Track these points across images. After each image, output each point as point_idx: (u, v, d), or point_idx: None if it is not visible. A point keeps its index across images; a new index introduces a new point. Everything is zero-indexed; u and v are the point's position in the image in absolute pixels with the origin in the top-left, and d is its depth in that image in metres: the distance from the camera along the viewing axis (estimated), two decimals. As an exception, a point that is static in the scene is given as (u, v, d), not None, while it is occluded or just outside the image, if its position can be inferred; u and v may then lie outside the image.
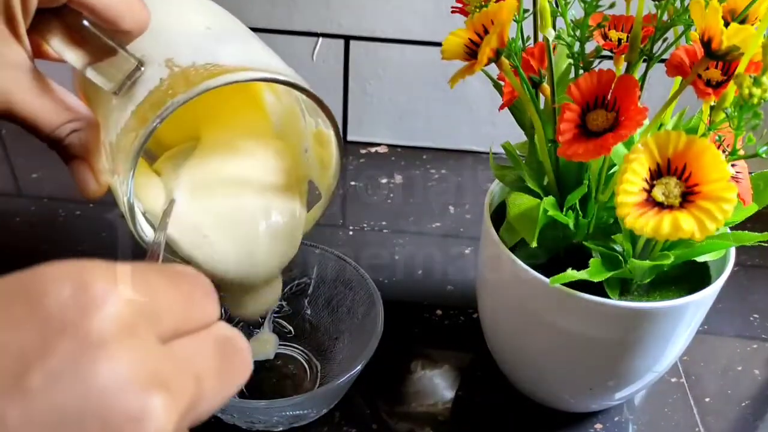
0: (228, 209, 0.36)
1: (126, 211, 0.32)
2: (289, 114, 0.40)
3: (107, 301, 0.16)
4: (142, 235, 0.34)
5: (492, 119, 0.66)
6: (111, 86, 0.31)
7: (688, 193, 0.28)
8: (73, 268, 0.17)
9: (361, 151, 0.67)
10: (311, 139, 0.39)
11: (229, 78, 0.30)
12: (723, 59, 0.30)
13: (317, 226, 0.46)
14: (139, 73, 0.31)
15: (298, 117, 0.39)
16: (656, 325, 0.35)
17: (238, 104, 0.39)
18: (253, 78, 0.31)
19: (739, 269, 0.55)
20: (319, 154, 0.39)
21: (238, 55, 0.33)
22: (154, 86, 0.31)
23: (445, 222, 0.59)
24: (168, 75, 0.31)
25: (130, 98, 0.31)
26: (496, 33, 0.30)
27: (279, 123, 0.40)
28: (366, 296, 0.44)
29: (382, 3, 0.60)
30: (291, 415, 0.40)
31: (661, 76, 0.35)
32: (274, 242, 0.37)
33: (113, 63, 0.31)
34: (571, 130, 0.31)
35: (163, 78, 0.31)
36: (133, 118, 0.31)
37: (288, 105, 0.39)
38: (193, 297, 0.19)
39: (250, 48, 0.34)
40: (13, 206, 0.59)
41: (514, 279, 0.37)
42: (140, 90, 0.31)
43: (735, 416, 0.44)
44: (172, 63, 0.31)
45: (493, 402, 0.45)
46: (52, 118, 0.31)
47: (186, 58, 0.31)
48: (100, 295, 0.16)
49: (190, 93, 0.29)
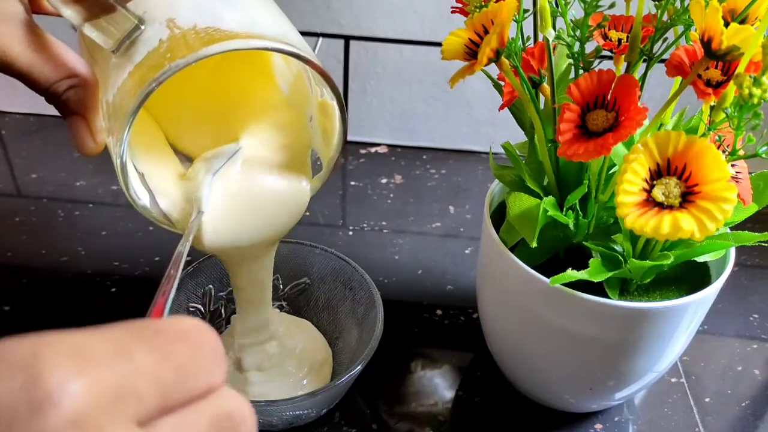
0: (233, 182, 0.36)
1: (119, 173, 0.31)
2: (296, 80, 0.39)
3: (63, 396, 0.14)
4: (134, 197, 0.33)
5: (492, 119, 0.66)
6: (109, 44, 0.30)
7: (688, 193, 0.28)
8: (26, 350, 0.14)
9: (361, 151, 0.67)
10: (316, 107, 0.38)
11: (228, 45, 0.29)
12: (723, 59, 0.30)
13: (317, 226, 0.46)
14: (138, 32, 0.30)
15: (305, 83, 0.38)
16: (656, 325, 0.35)
17: (248, 66, 0.38)
18: (253, 46, 0.30)
19: (739, 269, 0.55)
20: (323, 124, 0.38)
21: (243, 20, 0.31)
22: (153, 47, 0.30)
23: (445, 222, 0.59)
24: (168, 36, 0.30)
25: (128, 58, 0.30)
26: (496, 33, 0.30)
27: (287, 88, 0.39)
28: (366, 296, 0.44)
29: (382, 3, 0.60)
30: (291, 415, 0.39)
31: (661, 76, 0.35)
32: (276, 214, 0.37)
33: (112, 20, 0.30)
34: (571, 130, 0.31)
35: (162, 39, 0.30)
36: (130, 79, 0.30)
37: (296, 71, 0.39)
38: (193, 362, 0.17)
39: (259, 12, 0.33)
40: (13, 206, 0.59)
41: (514, 279, 0.37)
42: (139, 50, 0.30)
43: (735, 416, 0.44)
44: (173, 24, 0.30)
45: (493, 402, 0.45)
46: (49, 73, 0.31)
47: (188, 20, 0.30)
48: (55, 388, 0.14)
49: (189, 59, 0.28)
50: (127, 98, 0.29)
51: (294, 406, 0.38)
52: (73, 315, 0.49)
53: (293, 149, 0.38)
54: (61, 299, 0.50)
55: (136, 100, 0.29)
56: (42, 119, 0.69)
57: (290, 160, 0.38)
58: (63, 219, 0.57)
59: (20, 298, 0.50)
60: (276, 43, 0.30)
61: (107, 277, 0.52)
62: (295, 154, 0.38)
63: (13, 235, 0.56)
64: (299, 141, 0.38)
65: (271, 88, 0.39)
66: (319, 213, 0.59)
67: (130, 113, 0.29)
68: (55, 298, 0.50)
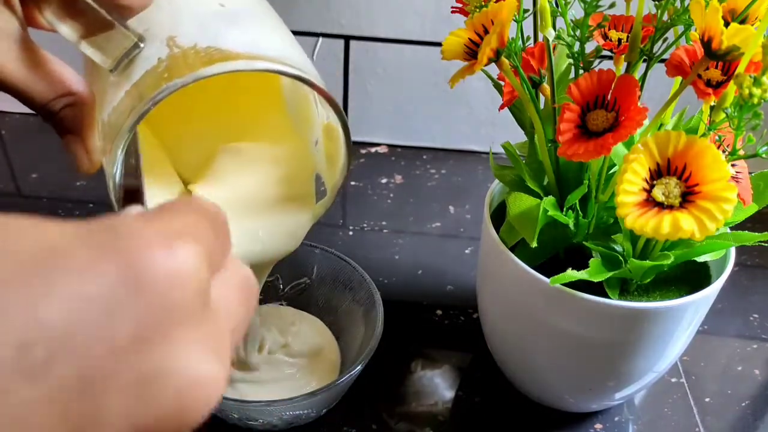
0: (237, 201, 0.36)
1: (111, 193, 0.30)
2: (302, 102, 0.38)
3: (196, 273, 0.16)
4: None
5: (492, 119, 0.66)
6: (107, 63, 0.29)
7: (688, 193, 0.28)
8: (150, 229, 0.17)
9: (361, 151, 0.67)
10: (322, 131, 0.38)
11: (228, 66, 0.28)
12: (723, 59, 0.30)
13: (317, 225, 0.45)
14: (137, 50, 0.29)
15: (311, 106, 0.38)
16: (656, 325, 0.35)
17: (256, 87, 0.38)
18: (254, 68, 0.29)
19: (739, 269, 0.55)
20: (329, 149, 0.37)
21: (246, 39, 0.30)
22: (151, 66, 0.29)
23: (445, 222, 0.59)
24: (167, 55, 0.29)
25: (126, 77, 0.29)
26: (496, 33, 0.30)
27: (293, 109, 0.38)
28: (366, 296, 0.44)
29: (382, 3, 0.60)
30: (291, 415, 0.39)
31: (661, 76, 0.35)
32: (278, 239, 0.37)
33: (110, 38, 0.29)
34: (571, 130, 0.31)
35: (161, 58, 0.29)
36: (126, 97, 0.29)
37: (302, 92, 0.38)
38: (223, 233, 0.19)
39: (263, 32, 0.32)
40: (13, 206, 0.59)
41: (514, 279, 0.37)
42: (137, 69, 0.29)
43: (735, 416, 0.44)
44: (173, 42, 0.29)
45: (493, 402, 0.45)
46: (44, 91, 0.30)
47: (189, 38, 0.29)
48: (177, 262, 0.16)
49: (186, 79, 0.28)
50: (122, 117, 0.29)
51: (294, 406, 0.38)
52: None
53: (297, 174, 0.38)
54: (61, 299, 0.50)
55: (131, 119, 0.28)
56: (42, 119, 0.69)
57: (294, 186, 0.37)
58: (63, 219, 0.57)
59: (20, 298, 0.50)
60: (278, 65, 0.29)
61: (107, 277, 0.52)
62: (299, 179, 0.38)
63: (13, 235, 0.55)
64: (304, 165, 0.38)
65: (277, 111, 0.38)
66: (319, 213, 0.59)
67: (125, 133, 0.28)
68: (55, 298, 0.50)
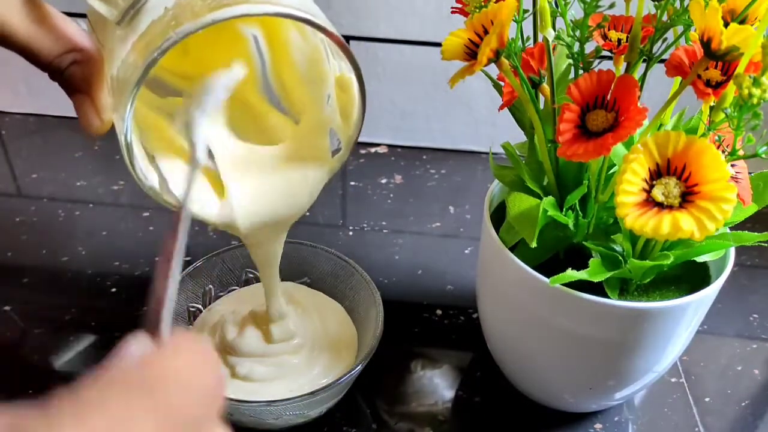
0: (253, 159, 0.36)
1: (123, 151, 0.30)
2: (314, 55, 0.36)
3: None
4: (140, 176, 0.31)
5: (492, 119, 0.66)
6: (113, 15, 0.29)
7: (687, 193, 0.28)
8: None
9: (361, 151, 0.67)
10: (334, 84, 0.37)
11: (236, 11, 0.27)
12: (723, 59, 0.30)
13: (317, 226, 0.46)
14: (143, 1, 0.29)
15: (322, 59, 0.36)
16: (656, 325, 0.35)
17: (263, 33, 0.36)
18: (264, 12, 0.27)
19: (739, 269, 0.55)
20: (342, 102, 0.36)
21: None
22: (157, 16, 0.28)
23: (445, 222, 0.59)
24: (174, 4, 0.28)
25: (132, 29, 0.29)
26: (496, 33, 0.30)
27: (304, 64, 0.37)
28: (366, 296, 0.44)
29: (382, 3, 0.60)
30: (291, 415, 0.40)
31: (661, 76, 0.35)
32: (290, 197, 0.36)
33: None
34: (571, 130, 0.31)
35: (168, 7, 0.28)
36: (133, 50, 0.28)
37: (314, 45, 0.36)
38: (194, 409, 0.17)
39: None
40: (13, 206, 0.59)
41: (514, 279, 0.37)
42: (143, 20, 0.28)
43: (735, 416, 0.44)
44: None
45: (493, 402, 0.45)
46: (50, 46, 0.30)
47: None
48: None
49: (196, 24, 0.26)
50: (131, 70, 0.28)
51: (294, 406, 0.38)
52: (73, 315, 0.49)
53: (311, 129, 0.37)
54: (61, 299, 0.50)
55: (139, 71, 0.27)
56: (42, 119, 0.69)
57: (308, 144, 0.37)
58: (63, 219, 0.57)
59: (20, 298, 0.50)
60: (287, 9, 0.28)
61: (107, 277, 0.52)
62: (313, 134, 0.37)
63: (13, 235, 0.56)
64: (317, 120, 0.37)
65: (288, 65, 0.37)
66: (319, 213, 0.59)
67: (133, 86, 0.27)
68: (55, 298, 0.50)
